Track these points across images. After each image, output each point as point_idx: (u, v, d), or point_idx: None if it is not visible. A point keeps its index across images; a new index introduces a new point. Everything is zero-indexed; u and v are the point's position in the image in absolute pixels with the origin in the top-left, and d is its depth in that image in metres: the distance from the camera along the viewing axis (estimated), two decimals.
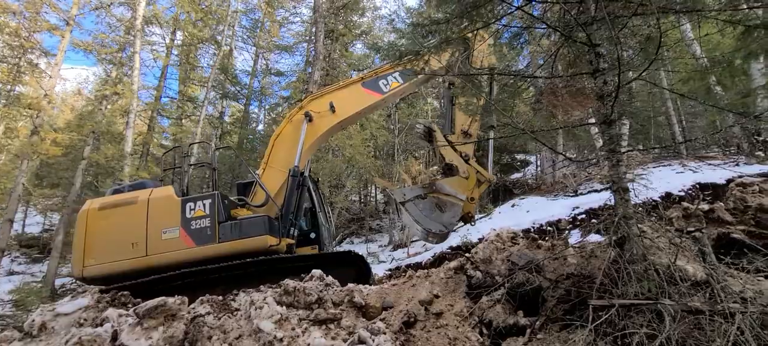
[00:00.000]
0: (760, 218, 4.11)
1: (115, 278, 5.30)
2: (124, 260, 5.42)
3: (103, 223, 5.58)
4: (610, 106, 3.85)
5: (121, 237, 5.49)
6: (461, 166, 6.06)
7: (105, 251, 5.45)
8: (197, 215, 5.63)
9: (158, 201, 5.73)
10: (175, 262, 5.36)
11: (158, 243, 5.46)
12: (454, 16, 5.29)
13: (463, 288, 4.00)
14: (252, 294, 3.81)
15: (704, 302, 2.58)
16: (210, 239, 5.52)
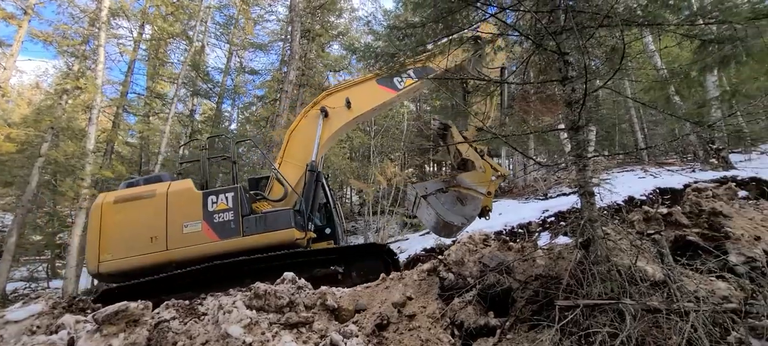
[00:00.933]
0: (713, 222, 4.36)
1: (133, 274, 5.17)
2: (143, 254, 5.27)
3: (119, 217, 5.40)
4: (578, 112, 3.99)
5: (139, 231, 5.34)
6: (477, 161, 6.12)
7: (122, 245, 5.30)
8: (220, 208, 5.55)
9: (178, 194, 5.60)
10: (198, 256, 5.28)
11: (179, 237, 5.35)
12: (430, 20, 5.35)
13: (435, 290, 4.03)
14: (220, 298, 3.69)
15: (662, 302, 2.72)
16: (234, 232, 5.44)
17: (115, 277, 5.33)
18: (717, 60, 4.97)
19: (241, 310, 3.44)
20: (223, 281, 4.96)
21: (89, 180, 10.83)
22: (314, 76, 12.47)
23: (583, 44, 4.73)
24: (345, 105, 6.49)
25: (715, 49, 4.88)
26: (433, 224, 5.79)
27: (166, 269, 5.18)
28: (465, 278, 3.99)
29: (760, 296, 3.21)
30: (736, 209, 4.75)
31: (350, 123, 7.01)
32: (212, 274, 5.17)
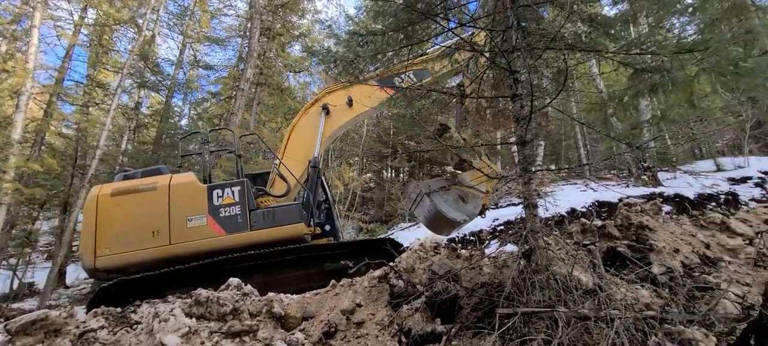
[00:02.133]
0: (640, 234, 4.75)
1: (133, 269, 5.00)
2: (145, 249, 5.09)
3: (118, 210, 5.17)
4: (525, 128, 4.21)
5: (139, 225, 5.15)
6: (476, 162, 6.21)
7: (121, 240, 5.08)
8: (226, 202, 5.47)
9: (181, 187, 5.44)
10: (203, 250, 5.16)
11: (183, 231, 5.21)
12: (390, 29, 5.42)
13: (385, 297, 4.05)
14: (157, 305, 3.47)
15: (591, 309, 2.91)
16: (241, 226, 5.35)
17: (113, 273, 5.07)
18: (648, 87, 5.47)
19: (180, 318, 3.25)
20: (228, 275, 4.69)
21: (12, 173, 9.78)
22: (273, 75, 12.15)
23: (532, 64, 5.02)
24: (346, 103, 6.55)
25: (647, 77, 5.37)
26: (432, 220, 5.86)
27: (169, 264, 5.02)
28: (415, 285, 4.05)
29: (677, 303, 3.53)
30: (660, 223, 5.21)
31: (351, 121, 7.06)
32: (218, 269, 5.03)
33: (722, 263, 4.50)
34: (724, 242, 4.97)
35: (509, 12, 4.87)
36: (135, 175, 5.81)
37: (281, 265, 5.02)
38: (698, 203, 9.51)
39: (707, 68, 4.71)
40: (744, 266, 4.54)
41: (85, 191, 11.11)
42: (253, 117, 11.20)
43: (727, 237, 5.10)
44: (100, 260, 4.97)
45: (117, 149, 16.60)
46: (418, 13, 5.22)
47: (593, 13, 5.43)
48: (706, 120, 12.24)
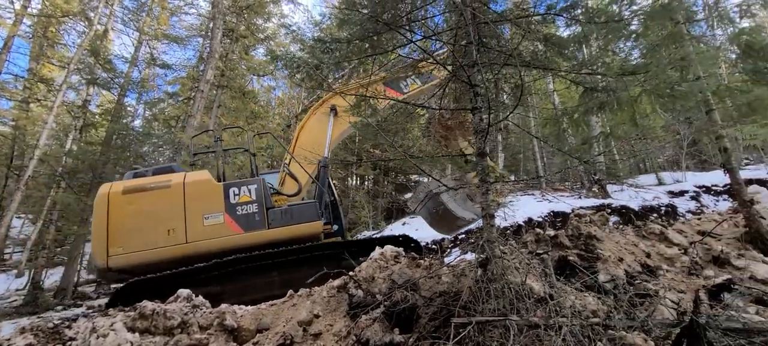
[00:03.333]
0: (588, 244, 5.01)
1: (147, 268, 4.87)
2: (160, 248, 5.01)
3: (130, 208, 5.07)
4: (483, 140, 4.34)
5: (153, 223, 5.07)
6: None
7: (135, 238, 4.98)
8: (243, 200, 5.50)
9: (196, 185, 5.39)
10: (221, 249, 5.14)
11: (200, 229, 5.17)
12: (356, 37, 5.44)
13: (344, 307, 3.99)
14: (96, 319, 3.22)
15: (542, 317, 3.01)
16: (259, 224, 5.37)
17: (126, 272, 4.97)
18: (596, 105, 5.81)
19: (121, 333, 3.03)
20: (246, 273, 4.88)
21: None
22: (235, 78, 11.77)
23: (492, 79, 5.20)
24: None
25: (596, 96, 5.70)
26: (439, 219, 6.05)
27: (185, 263, 4.93)
28: (374, 294, 4.02)
29: (619, 310, 3.74)
30: (607, 233, 5.52)
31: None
32: (237, 267, 4.99)
33: (661, 271, 4.82)
34: (663, 251, 5.35)
35: (470, 28, 5.03)
36: (146, 173, 5.72)
37: (302, 262, 5.03)
38: (642, 215, 10.20)
39: (648, 90, 5.07)
40: (679, 274, 4.90)
41: (20, 193, 10.22)
42: (212, 120, 10.78)
43: (666, 247, 5.49)
44: (113, 259, 4.83)
45: (60, 149, 15.40)
46: (383, 23, 5.27)
47: (548, 34, 5.73)
48: (649, 137, 13.23)
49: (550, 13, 5.21)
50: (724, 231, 6.32)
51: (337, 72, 6.27)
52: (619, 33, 6.18)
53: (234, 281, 4.51)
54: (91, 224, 6.27)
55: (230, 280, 4.70)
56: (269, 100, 16.82)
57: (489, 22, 5.16)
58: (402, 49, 6.14)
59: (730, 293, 4.21)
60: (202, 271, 4.92)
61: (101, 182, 11.63)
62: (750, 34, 6.87)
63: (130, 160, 13.46)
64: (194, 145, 10.22)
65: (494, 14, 5.53)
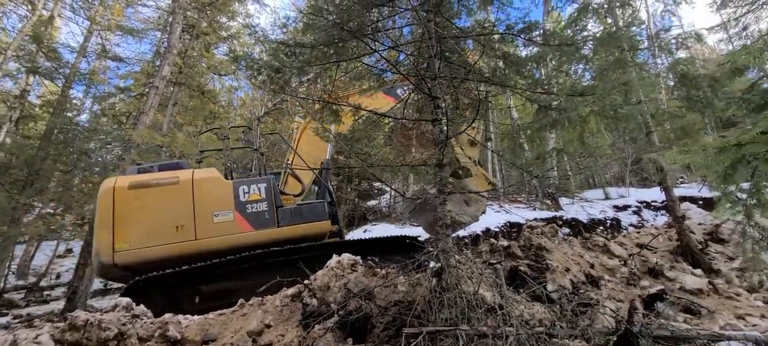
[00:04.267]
0: (539, 254, 5.23)
1: (155, 265, 4.81)
2: (169, 244, 4.98)
3: (137, 203, 5.02)
4: (441, 151, 4.43)
5: (162, 220, 5.04)
6: (473, 169, 6.71)
7: (142, 234, 4.93)
8: (252, 198, 5.55)
9: (205, 182, 5.40)
10: (231, 246, 5.17)
11: (210, 227, 5.18)
12: (320, 43, 5.40)
13: (297, 316, 3.90)
14: (18, 332, 2.93)
15: (491, 327, 3.09)
16: (269, 223, 5.43)
17: (132, 268, 4.88)
18: (549, 122, 6.12)
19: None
20: (256, 271, 4.87)
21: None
22: (195, 76, 11.27)
23: (452, 92, 5.34)
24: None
25: (548, 114, 6.02)
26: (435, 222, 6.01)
27: (194, 260, 4.92)
28: (329, 303, 3.96)
29: (564, 319, 3.92)
30: (556, 244, 5.79)
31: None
32: (245, 264, 5.00)
33: (603, 281, 5.12)
34: (605, 262, 5.68)
35: (433, 41, 5.15)
36: (151, 168, 5.71)
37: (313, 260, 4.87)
38: (590, 227, 10.83)
39: (595, 111, 5.41)
40: (619, 284, 5.22)
41: None
42: (167, 118, 10.26)
43: (608, 258, 5.85)
44: (119, 255, 4.75)
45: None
46: (348, 31, 5.27)
47: (507, 52, 5.98)
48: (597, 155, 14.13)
49: (508, 32, 5.46)
50: (660, 244, 6.83)
51: (301, 77, 6.17)
52: (573, 56, 6.54)
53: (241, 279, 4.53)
54: (22, 225, 5.91)
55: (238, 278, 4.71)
56: (231, 100, 16.27)
57: (451, 37, 5.31)
58: (366, 59, 6.19)
59: (662, 302, 4.54)
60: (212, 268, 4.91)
61: (37, 179, 10.75)
62: (685, 64, 7.54)
63: (74, 157, 12.49)
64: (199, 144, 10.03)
65: (457, 30, 5.71)
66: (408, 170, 6.43)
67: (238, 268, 5.02)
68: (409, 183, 14.98)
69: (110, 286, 11.77)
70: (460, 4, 6.06)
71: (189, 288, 4.83)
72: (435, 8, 5.38)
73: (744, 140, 2.11)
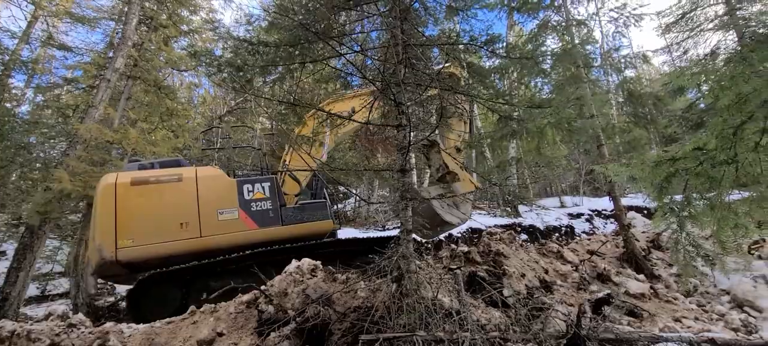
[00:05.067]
0: (497, 260, 5.37)
1: (159, 262, 4.82)
2: (174, 241, 4.98)
3: (140, 200, 5.00)
4: (404, 157, 4.46)
5: (165, 216, 5.04)
6: (460, 173, 6.95)
7: (146, 231, 4.91)
8: (257, 197, 5.62)
9: (209, 180, 5.42)
10: (235, 244, 5.22)
11: (215, 224, 5.22)
12: (285, 43, 5.30)
13: (253, 324, 3.77)
14: None
15: (448, 332, 3.12)
16: (274, 221, 5.51)
17: (135, 265, 4.84)
18: (509, 132, 6.34)
19: None
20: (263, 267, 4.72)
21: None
22: (151, 70, 10.68)
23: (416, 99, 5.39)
24: (349, 112, 6.73)
25: (508, 124, 6.23)
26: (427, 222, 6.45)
27: (199, 257, 4.96)
28: (286, 310, 3.86)
29: (519, 323, 4.04)
30: (514, 250, 5.98)
31: (351, 129, 7.25)
32: (250, 261, 4.96)
33: (556, 285, 5.34)
34: (559, 268, 5.93)
35: (399, 48, 5.19)
36: (152, 165, 5.69)
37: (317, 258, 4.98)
38: (546, 234, 11.27)
39: (552, 123, 5.65)
40: (571, 288, 5.47)
41: None
42: (119, 113, 9.64)
43: (561, 264, 6.11)
44: (122, 251, 4.71)
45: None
46: (314, 33, 5.21)
47: (471, 62, 6.14)
48: (554, 165, 14.82)
49: (472, 43, 5.60)
50: (608, 251, 7.23)
51: (266, 76, 6.02)
52: (533, 70, 6.80)
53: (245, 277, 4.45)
54: None
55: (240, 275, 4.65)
56: (191, 98, 15.55)
57: (417, 45, 5.38)
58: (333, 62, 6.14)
59: (609, 306, 4.80)
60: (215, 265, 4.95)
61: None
62: (632, 83, 8.07)
63: (11, 152, 11.44)
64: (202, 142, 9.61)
65: (423, 38, 5.80)
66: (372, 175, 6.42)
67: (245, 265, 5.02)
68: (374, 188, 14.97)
69: (49, 292, 10.87)
70: (427, 12, 6.17)
71: (198, 284, 4.93)
72: (402, 15, 5.44)
73: (678, 156, 2.28)
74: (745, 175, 2.07)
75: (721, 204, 2.24)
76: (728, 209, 2.21)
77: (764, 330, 4.38)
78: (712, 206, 2.29)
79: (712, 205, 2.29)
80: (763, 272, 5.38)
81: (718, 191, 2.24)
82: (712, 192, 2.30)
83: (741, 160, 1.95)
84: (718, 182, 2.13)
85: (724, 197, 2.25)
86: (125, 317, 6.32)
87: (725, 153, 1.96)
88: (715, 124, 1.97)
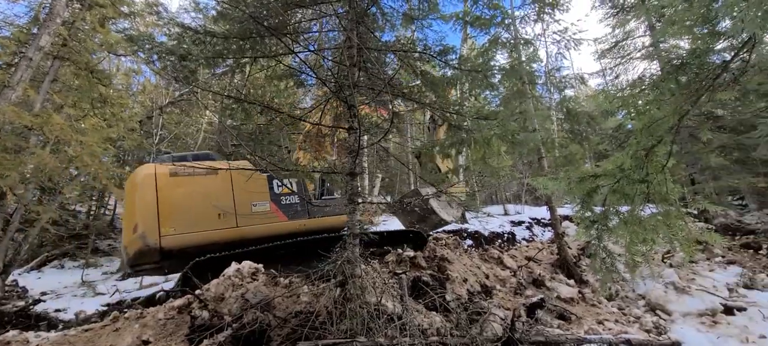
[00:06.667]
0: (441, 265, 5.50)
1: (198, 249, 5.01)
2: (213, 230, 5.27)
3: (180, 191, 5.25)
4: (354, 160, 4.44)
5: (205, 207, 5.27)
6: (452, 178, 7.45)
7: (186, 220, 5.15)
8: (285, 191, 6.04)
9: (243, 174, 5.57)
10: (268, 234, 5.56)
11: (249, 215, 5.54)
12: (234, 35, 5.08)
13: (184, 330, 3.54)
14: None
15: (388, 337, 3.13)
16: (301, 214, 5.92)
17: (176, 252, 5.03)
18: (458, 141, 6.54)
19: None
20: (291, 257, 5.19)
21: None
22: (83, 52, 9.67)
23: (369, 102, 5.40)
24: None
25: (459, 133, 6.42)
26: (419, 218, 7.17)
27: (235, 246, 5.15)
28: (222, 316, 3.67)
29: (459, 327, 4.16)
30: (458, 255, 6.16)
31: None
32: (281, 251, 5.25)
33: (495, 290, 5.57)
34: (499, 273, 6.20)
35: (354, 50, 5.17)
36: (185, 158, 5.92)
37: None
38: (490, 240, 11.76)
39: (498, 134, 5.91)
40: (509, 293, 5.73)
41: None
42: (41, 96, 8.65)
43: (501, 269, 6.40)
44: (165, 239, 4.92)
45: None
46: (266, 28, 5.05)
47: (425, 70, 6.27)
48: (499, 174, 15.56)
49: (425, 53, 5.72)
50: (544, 257, 7.69)
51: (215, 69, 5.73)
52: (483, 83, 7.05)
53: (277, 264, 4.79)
54: None
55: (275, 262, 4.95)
56: (129, 85, 14.33)
57: (373, 49, 5.40)
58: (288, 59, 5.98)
59: (541, 309, 5.09)
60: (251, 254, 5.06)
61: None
62: (570, 102, 8.69)
63: None
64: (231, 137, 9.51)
65: (379, 43, 5.83)
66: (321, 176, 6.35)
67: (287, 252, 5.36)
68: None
69: None
70: (384, 18, 6.21)
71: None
72: (358, 17, 5.43)
73: (599, 173, 2.50)
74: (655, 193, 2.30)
75: (633, 219, 2.48)
76: (638, 224, 2.45)
77: (672, 331, 4.87)
78: (625, 221, 2.52)
79: (625, 220, 2.53)
80: (673, 279, 6.00)
81: (632, 207, 2.48)
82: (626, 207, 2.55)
83: (651, 180, 2.18)
84: (631, 198, 2.36)
85: (636, 213, 2.49)
86: (36, 324, 5.67)
87: (638, 173, 2.18)
88: (630, 145, 2.18)
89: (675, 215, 2.33)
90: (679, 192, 2.35)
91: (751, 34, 1.94)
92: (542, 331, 4.11)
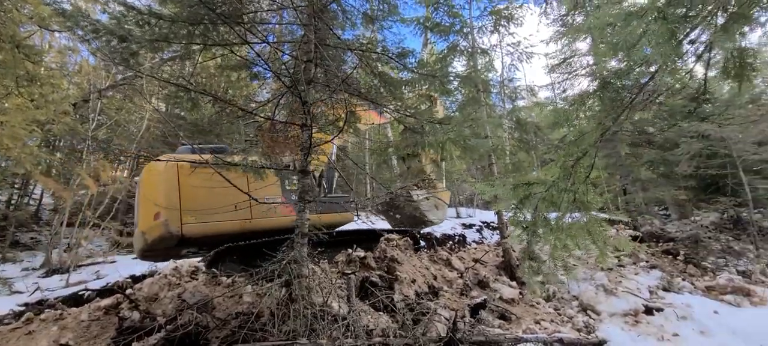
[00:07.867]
0: (391, 266, 5.54)
1: (216, 239, 5.31)
2: (230, 221, 5.55)
3: (199, 182, 5.45)
4: (306, 158, 4.36)
5: (222, 199, 5.49)
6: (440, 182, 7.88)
7: (206, 210, 5.40)
8: (293, 187, 6.36)
9: None
10: (278, 227, 5.82)
11: (262, 209, 5.83)
12: (182, 19, 4.79)
13: (111, 333, 3.28)
14: None
15: (330, 338, 3.10)
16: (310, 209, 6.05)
17: (195, 240, 5.23)
18: (413, 143, 6.63)
19: None
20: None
21: None
22: (9, 23, 8.64)
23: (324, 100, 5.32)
24: None
25: (414, 136, 6.51)
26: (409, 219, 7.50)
27: (248, 237, 5.45)
28: (155, 317, 3.45)
29: (405, 328, 4.21)
30: (408, 256, 6.24)
31: None
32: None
33: (442, 291, 5.71)
34: (446, 274, 6.37)
35: (312, 45, 5.08)
36: (203, 150, 5.96)
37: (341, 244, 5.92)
38: (442, 241, 12.05)
39: (451, 138, 6.06)
40: (455, 294, 5.89)
41: None
42: None
43: (449, 271, 6.57)
44: (186, 227, 5.12)
45: None
46: (217, 14, 4.82)
47: (383, 72, 6.29)
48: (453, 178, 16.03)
49: (384, 54, 5.74)
50: (491, 259, 8.01)
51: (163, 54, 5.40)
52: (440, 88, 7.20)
53: None
54: None
55: None
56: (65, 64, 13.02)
57: (331, 46, 5.33)
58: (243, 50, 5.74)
59: (484, 310, 5.29)
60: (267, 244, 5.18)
61: None
62: (520, 112, 9.12)
63: None
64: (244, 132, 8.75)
65: (338, 40, 5.76)
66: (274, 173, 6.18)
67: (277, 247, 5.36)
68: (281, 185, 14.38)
69: None
70: (344, 16, 6.16)
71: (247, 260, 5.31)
72: (317, 13, 5.34)
73: (532, 181, 2.66)
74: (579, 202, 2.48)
75: (559, 226, 2.66)
76: (563, 231, 2.63)
77: (599, 330, 5.26)
78: (551, 227, 2.70)
79: (552, 226, 2.70)
80: (603, 282, 6.49)
81: (561, 214, 2.66)
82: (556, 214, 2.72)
83: (576, 189, 2.35)
84: (558, 206, 2.53)
85: (561, 220, 2.67)
86: None
87: (565, 182, 2.34)
88: (559, 157, 2.33)
89: (595, 223, 2.53)
90: (600, 202, 2.54)
91: (658, 63, 2.15)
92: (483, 331, 4.27)
